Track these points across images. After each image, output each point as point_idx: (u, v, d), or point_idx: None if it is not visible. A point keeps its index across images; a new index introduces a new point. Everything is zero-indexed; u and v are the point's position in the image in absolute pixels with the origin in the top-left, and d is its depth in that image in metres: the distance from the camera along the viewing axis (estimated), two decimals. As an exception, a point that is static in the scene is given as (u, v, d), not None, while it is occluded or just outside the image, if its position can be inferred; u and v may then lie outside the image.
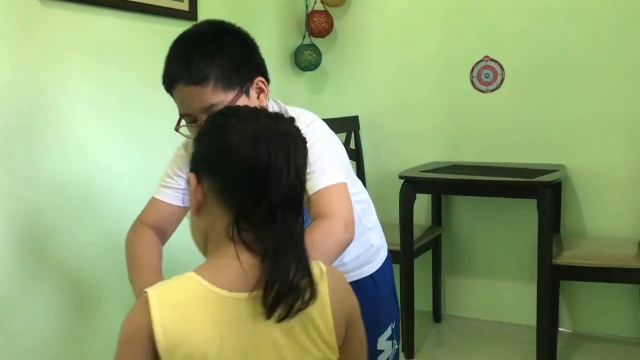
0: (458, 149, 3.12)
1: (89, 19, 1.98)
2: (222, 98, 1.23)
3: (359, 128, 3.26)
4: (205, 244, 0.98)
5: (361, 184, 1.59)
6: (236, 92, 1.24)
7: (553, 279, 2.48)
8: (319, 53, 3.17)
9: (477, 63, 3.02)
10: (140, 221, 1.40)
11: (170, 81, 1.24)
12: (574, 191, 2.89)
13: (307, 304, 0.88)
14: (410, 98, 3.19)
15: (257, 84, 1.29)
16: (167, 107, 1.38)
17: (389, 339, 1.57)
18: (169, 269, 1.29)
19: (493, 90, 3.01)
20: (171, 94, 1.27)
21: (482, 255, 3.15)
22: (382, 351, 1.54)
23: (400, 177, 2.68)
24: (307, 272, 0.89)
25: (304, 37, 3.18)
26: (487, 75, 3.01)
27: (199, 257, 1.00)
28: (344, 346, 0.98)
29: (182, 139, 1.39)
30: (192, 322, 0.86)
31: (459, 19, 3.04)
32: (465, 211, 3.15)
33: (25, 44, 1.78)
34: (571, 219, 2.91)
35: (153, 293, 0.87)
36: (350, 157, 3.17)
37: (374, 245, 1.55)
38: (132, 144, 2.16)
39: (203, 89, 1.21)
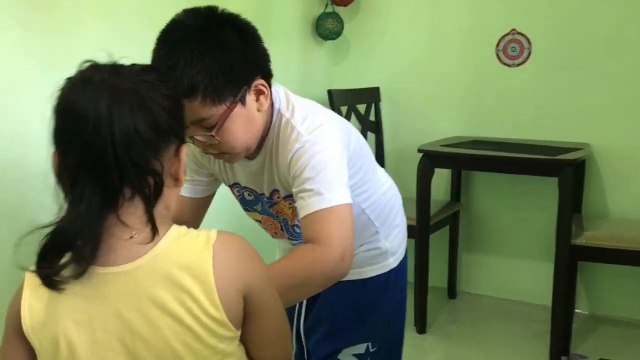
0: (481, 124, 3.05)
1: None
2: (213, 112, 1.08)
3: (379, 100, 3.21)
4: None
5: (386, 178, 1.47)
6: (228, 103, 1.09)
7: (571, 259, 2.44)
8: (341, 22, 3.10)
9: (504, 36, 2.94)
10: None
11: None
12: (597, 171, 2.82)
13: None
14: (434, 71, 3.13)
15: (255, 87, 1.14)
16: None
17: (357, 357, 1.40)
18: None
19: (519, 64, 2.93)
20: None
21: (500, 233, 3.10)
22: None
23: (419, 150, 2.63)
24: (94, 237, 0.79)
25: (326, 5, 3.11)
26: (513, 49, 2.92)
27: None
28: (249, 322, 0.89)
29: None
30: (61, 303, 0.81)
31: (487, -10, 2.95)
32: (485, 188, 3.10)
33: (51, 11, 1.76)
34: (593, 199, 2.84)
35: (30, 271, 0.83)
36: (370, 130, 3.14)
37: (380, 249, 1.41)
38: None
39: (190, 103, 1.05)
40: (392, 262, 1.43)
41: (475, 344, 2.68)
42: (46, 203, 0.85)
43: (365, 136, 3.12)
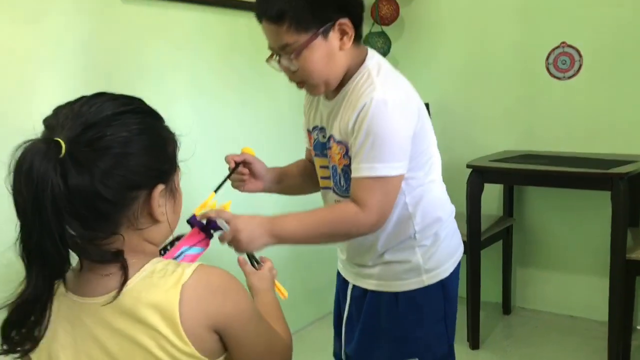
0: (531, 137, 3.03)
1: (163, 12, 2.09)
2: (296, 38, 1.21)
3: (429, 116, 3.22)
4: None
5: (442, 187, 1.46)
6: (311, 33, 1.21)
7: (627, 274, 2.39)
8: (388, 41, 3.15)
9: (554, 49, 2.92)
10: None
11: (256, 15, 1.25)
12: (654, 183, 2.75)
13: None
14: (483, 85, 3.13)
15: (339, 25, 1.23)
16: (234, 91, 1.44)
17: None
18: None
19: (570, 77, 2.90)
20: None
21: (555, 247, 3.06)
22: None
23: (468, 166, 2.64)
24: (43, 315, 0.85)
25: (372, 24, 3.17)
26: (563, 61, 2.90)
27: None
28: (230, 349, 0.92)
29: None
30: (54, 321, 0.88)
31: (535, 4, 2.94)
32: (538, 202, 3.07)
33: (107, 37, 1.91)
34: (651, 212, 2.77)
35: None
36: (420, 146, 3.16)
37: (410, 262, 1.38)
38: (206, 128, 2.26)
39: (278, 28, 1.21)
40: (426, 279, 1.39)
41: (530, 360, 2.65)
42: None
43: (415, 152, 3.15)
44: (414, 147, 1.29)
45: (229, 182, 1.40)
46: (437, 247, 1.40)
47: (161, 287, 0.87)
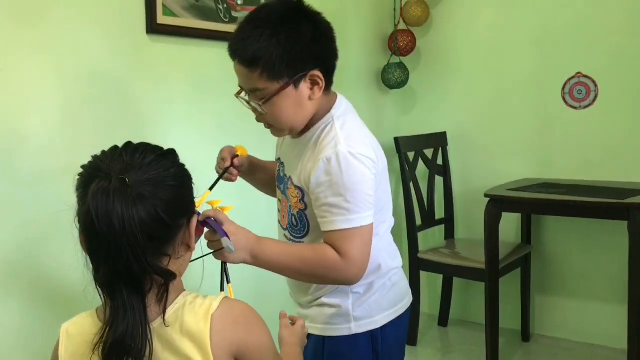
0: (549, 166, 3.07)
1: (187, 49, 2.17)
2: (267, 85, 1.22)
3: (446, 144, 3.29)
4: None
5: (390, 239, 1.46)
6: (283, 83, 1.22)
7: (646, 303, 2.40)
8: (406, 71, 3.22)
9: (570, 79, 2.97)
10: None
11: (229, 53, 1.25)
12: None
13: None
14: (500, 114, 3.18)
15: (311, 76, 1.25)
16: (257, 132, 1.50)
17: None
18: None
19: (586, 106, 2.95)
20: None
21: (574, 275, 3.07)
22: None
23: (486, 195, 2.68)
24: (145, 336, 0.90)
25: (390, 55, 3.25)
26: (579, 91, 2.95)
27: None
28: None
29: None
30: (84, 358, 0.93)
31: (551, 34, 3.00)
32: (556, 229, 3.09)
33: (134, 72, 1.99)
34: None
35: (64, 326, 0.99)
36: (438, 173, 3.22)
37: (340, 307, 1.37)
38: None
39: (250, 72, 1.21)
40: (354, 328, 1.37)
41: (550, 388, 2.66)
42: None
43: (432, 180, 3.20)
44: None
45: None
46: (368, 297, 1.38)
47: (193, 319, 0.95)
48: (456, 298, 3.35)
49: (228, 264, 1.22)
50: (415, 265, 3.01)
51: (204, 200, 1.23)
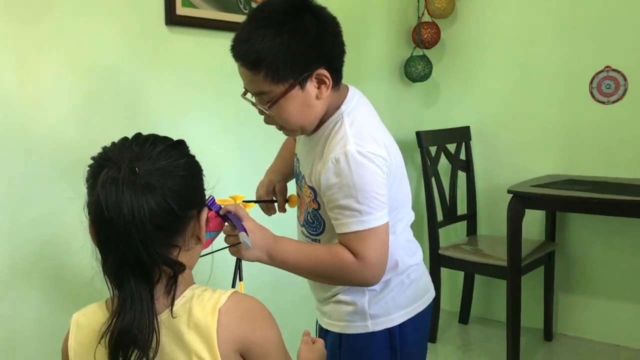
0: (574, 162, 3.00)
1: (206, 41, 2.14)
2: (272, 88, 1.18)
3: (470, 139, 3.23)
4: None
5: (409, 235, 1.42)
6: (288, 85, 1.18)
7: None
8: (429, 64, 3.18)
9: (598, 73, 2.89)
10: None
11: (232, 54, 1.21)
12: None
13: (147, 353, 0.89)
14: (525, 108, 3.12)
15: (317, 75, 1.20)
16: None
17: None
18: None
19: (614, 101, 2.87)
20: None
21: (599, 274, 3.00)
22: None
23: (509, 191, 2.63)
24: (152, 327, 0.89)
25: (414, 48, 3.20)
26: (608, 86, 2.87)
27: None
28: None
29: None
30: (92, 348, 0.92)
31: (579, 28, 2.92)
32: (581, 227, 3.03)
33: (153, 64, 1.98)
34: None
35: (75, 317, 0.99)
36: (461, 168, 3.17)
37: (356, 305, 1.35)
38: (245, 158, 2.31)
39: (254, 75, 1.18)
40: (371, 326, 1.35)
41: (572, 389, 2.61)
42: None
43: (455, 175, 3.15)
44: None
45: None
46: (385, 295, 1.35)
47: (201, 312, 0.94)
48: (477, 295, 3.30)
49: (243, 261, 1.21)
50: (436, 262, 2.97)
51: (239, 201, 1.25)
